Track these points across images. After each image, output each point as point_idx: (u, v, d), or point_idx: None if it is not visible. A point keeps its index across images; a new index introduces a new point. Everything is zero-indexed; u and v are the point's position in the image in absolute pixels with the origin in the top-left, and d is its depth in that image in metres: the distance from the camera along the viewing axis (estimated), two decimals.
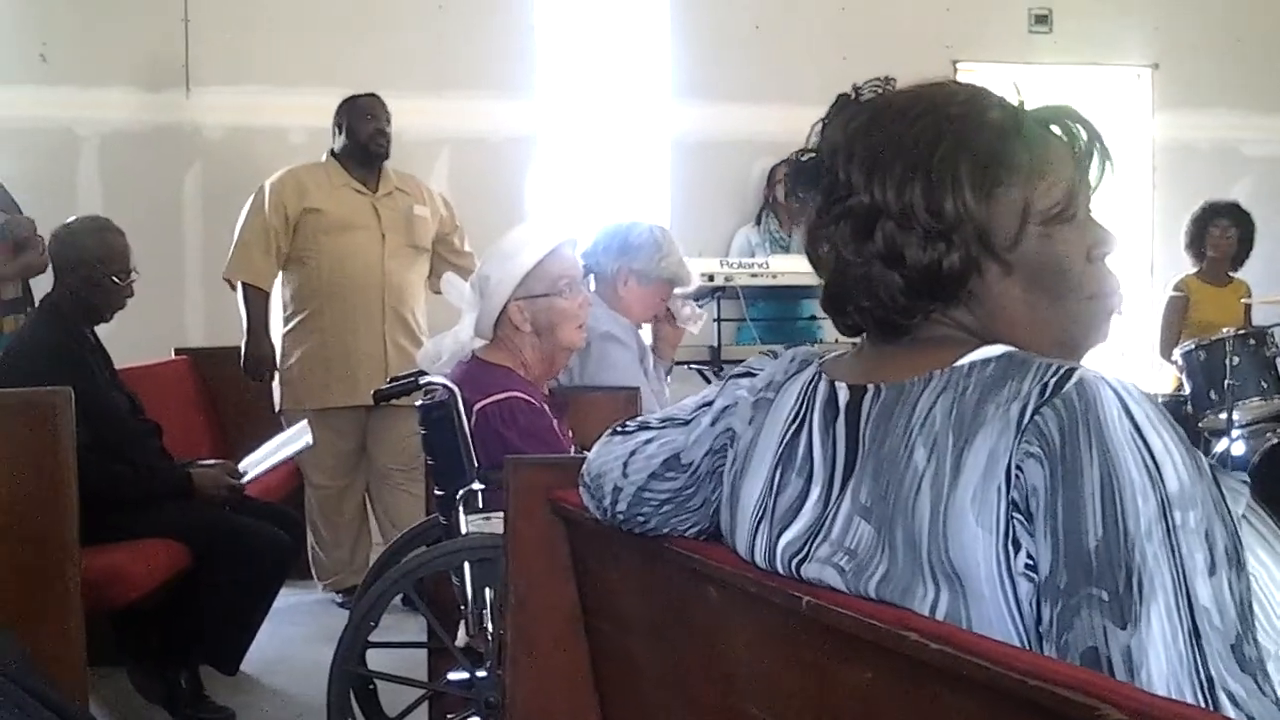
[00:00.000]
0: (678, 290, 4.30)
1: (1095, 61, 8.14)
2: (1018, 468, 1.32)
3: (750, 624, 1.61)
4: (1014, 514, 1.32)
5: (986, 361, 1.43)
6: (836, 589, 1.47)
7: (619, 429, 1.93)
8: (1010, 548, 1.33)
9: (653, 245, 4.13)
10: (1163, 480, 1.26)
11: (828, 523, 1.51)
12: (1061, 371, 1.34)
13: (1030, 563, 1.32)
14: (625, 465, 1.84)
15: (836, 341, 1.65)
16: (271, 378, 5.64)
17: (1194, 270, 6.99)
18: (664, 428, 1.84)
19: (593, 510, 1.94)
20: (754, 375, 1.77)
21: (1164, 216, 7.95)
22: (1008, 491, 1.32)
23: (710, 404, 1.80)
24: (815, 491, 1.56)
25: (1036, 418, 1.32)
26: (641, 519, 1.82)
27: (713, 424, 1.78)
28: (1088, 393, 1.31)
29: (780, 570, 1.57)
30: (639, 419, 1.91)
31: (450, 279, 3.53)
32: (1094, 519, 1.26)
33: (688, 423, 1.82)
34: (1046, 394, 1.33)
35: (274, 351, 5.60)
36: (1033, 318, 1.52)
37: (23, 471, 3.27)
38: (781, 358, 1.75)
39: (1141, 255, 8.17)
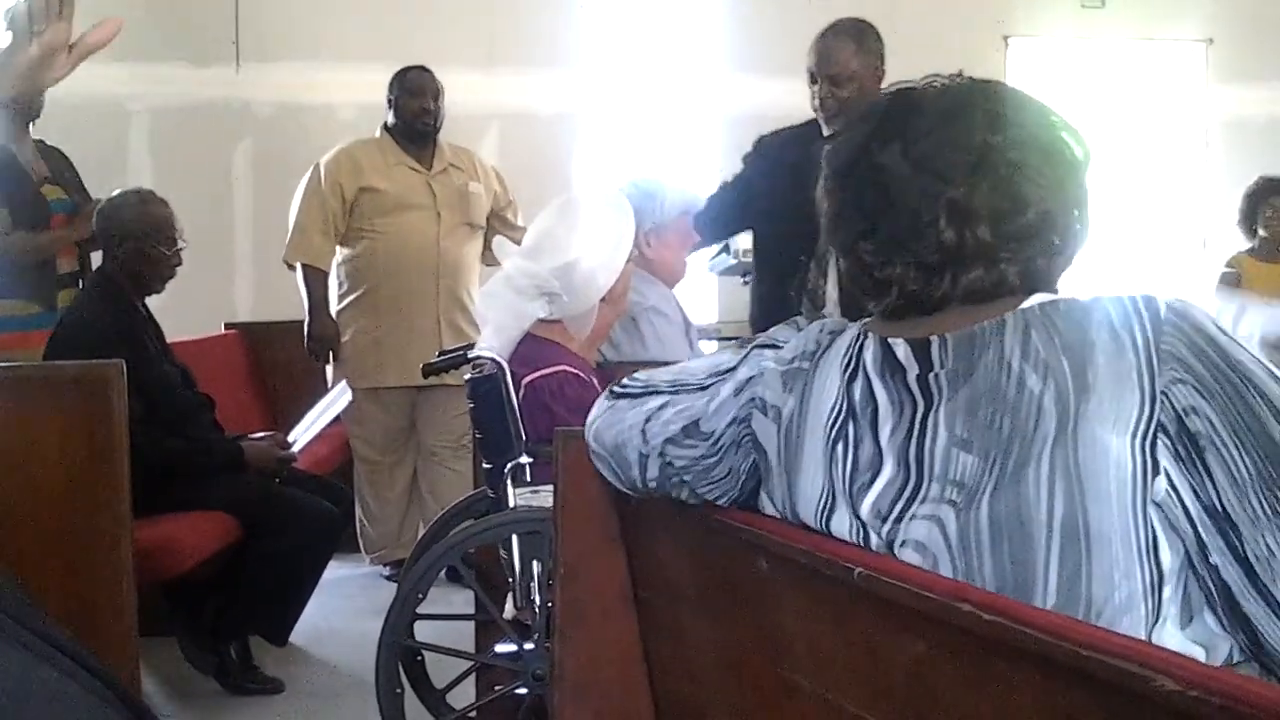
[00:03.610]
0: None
1: (1149, 36, 8.05)
2: (1163, 393, 1.39)
3: (801, 595, 1.61)
4: (1162, 436, 1.39)
5: (1054, 302, 1.51)
6: (946, 528, 1.48)
7: (618, 390, 1.93)
8: (1150, 460, 1.39)
9: (645, 198, 3.94)
10: (1271, 369, 1.40)
11: (923, 467, 1.53)
12: (1143, 297, 1.45)
13: (1170, 486, 1.39)
14: (644, 432, 1.83)
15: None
16: (333, 358, 5.65)
17: (1246, 247, 6.91)
18: (676, 393, 1.83)
19: (618, 483, 1.94)
20: (779, 346, 1.76)
21: (1217, 191, 7.87)
22: (1153, 414, 1.39)
23: (730, 371, 1.80)
24: (891, 444, 1.57)
25: (1164, 346, 1.41)
26: (672, 484, 1.82)
27: (735, 394, 1.77)
28: (1183, 312, 1.43)
29: (870, 531, 1.57)
30: (643, 379, 1.91)
31: (502, 244, 3.48)
32: (1267, 414, 1.37)
33: (704, 388, 1.81)
34: (1150, 321, 1.43)
35: (337, 331, 5.61)
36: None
37: (76, 444, 3.29)
38: (807, 329, 1.75)
39: (1194, 230, 8.10)
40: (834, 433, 1.62)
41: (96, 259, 5.09)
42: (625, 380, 1.94)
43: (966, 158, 1.55)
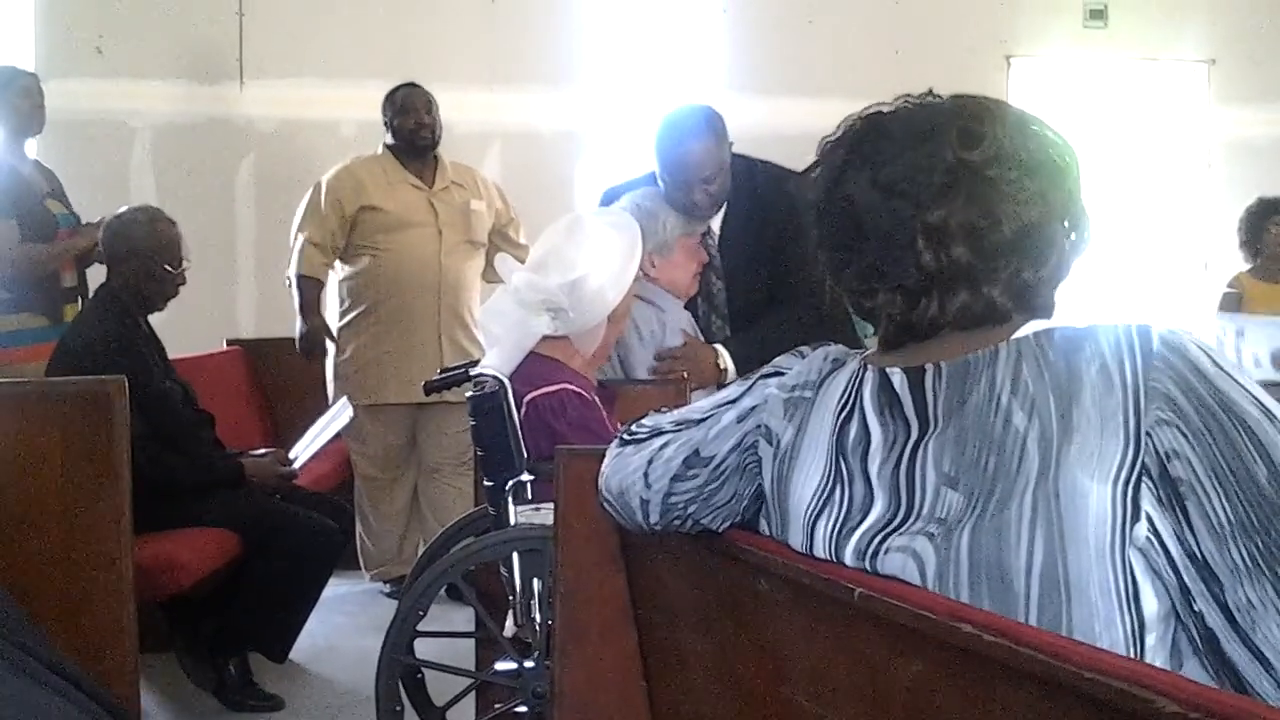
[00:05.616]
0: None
1: (1151, 57, 8.07)
2: (1148, 434, 1.37)
3: (801, 615, 1.61)
4: (1145, 479, 1.37)
5: (1048, 332, 1.50)
6: (924, 561, 1.47)
7: (626, 438, 1.93)
8: (1130, 507, 1.37)
9: (647, 216, 3.84)
10: (1266, 406, 1.37)
11: (913, 498, 1.52)
12: (1138, 328, 1.43)
13: (1152, 531, 1.37)
14: (646, 476, 1.83)
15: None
16: (324, 352, 5.64)
17: (1247, 267, 6.91)
18: (680, 430, 1.83)
19: (625, 525, 1.94)
20: (783, 374, 1.77)
21: (1219, 212, 7.87)
22: (1137, 456, 1.37)
23: (733, 402, 1.80)
24: (880, 477, 1.56)
25: (1152, 383, 1.39)
26: (678, 522, 1.82)
27: (739, 420, 1.77)
28: (1176, 346, 1.40)
29: (848, 559, 1.57)
30: (649, 424, 1.91)
31: (504, 259, 3.47)
32: (1253, 458, 1.34)
33: (704, 420, 1.81)
34: (1142, 355, 1.41)
35: (326, 326, 5.61)
36: None
37: (78, 460, 3.29)
38: (811, 356, 1.75)
39: (1196, 251, 8.10)
40: (833, 462, 1.62)
41: (93, 274, 5.11)
42: (634, 426, 1.94)
43: (938, 178, 1.54)
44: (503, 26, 7.36)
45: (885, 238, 1.56)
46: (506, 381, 3.16)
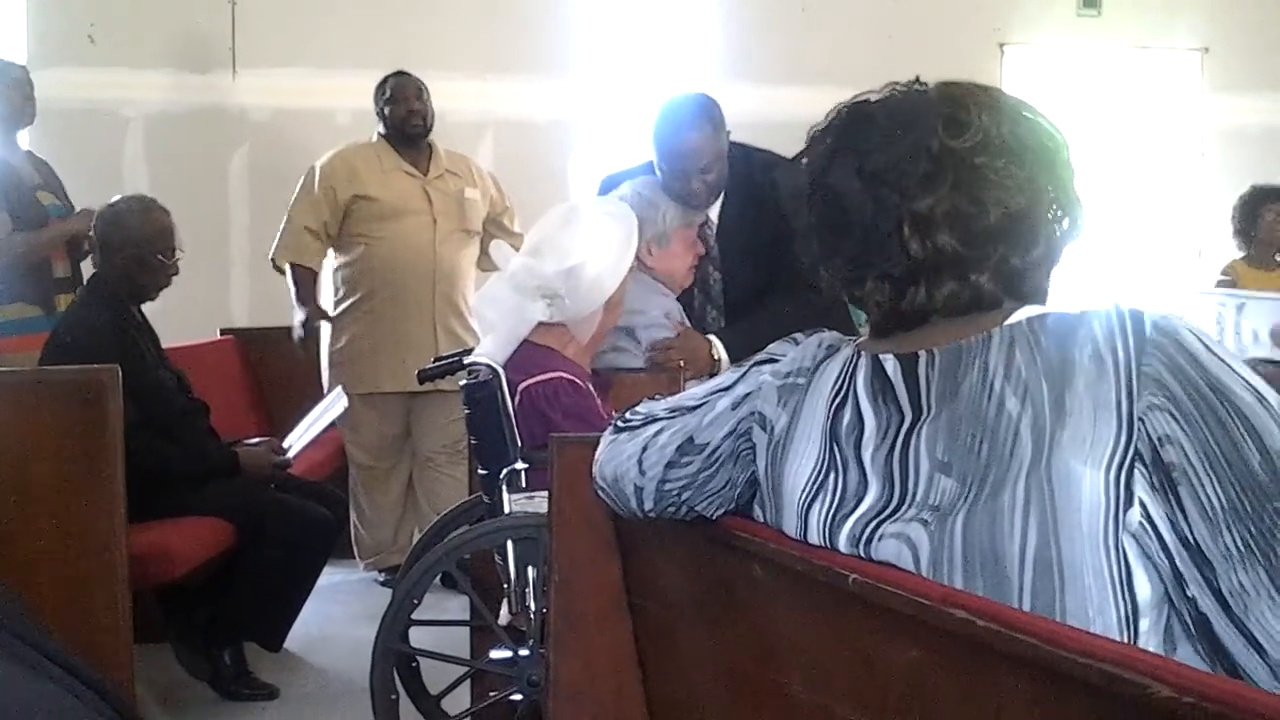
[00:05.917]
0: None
1: (1145, 45, 8.06)
2: (1140, 419, 1.37)
3: (795, 602, 1.61)
4: (1138, 464, 1.37)
5: (1041, 317, 1.49)
6: (918, 548, 1.47)
7: (620, 425, 1.93)
8: (1124, 492, 1.38)
9: (646, 205, 3.82)
10: (1260, 391, 1.37)
11: (906, 484, 1.52)
12: (1130, 312, 1.43)
13: (1145, 516, 1.37)
14: (640, 463, 1.84)
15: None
16: (317, 332, 5.61)
17: (1241, 255, 6.91)
18: (673, 417, 1.83)
19: (619, 512, 1.95)
20: (776, 361, 1.77)
21: (1212, 200, 7.87)
22: (1130, 441, 1.37)
23: (727, 389, 1.80)
24: (874, 463, 1.57)
25: (1145, 368, 1.38)
26: (672, 509, 1.83)
27: (734, 407, 1.77)
28: (1169, 330, 1.40)
29: (842, 546, 1.57)
30: (644, 411, 1.91)
31: (499, 246, 3.46)
32: (1246, 442, 1.34)
33: (698, 407, 1.81)
34: (1135, 339, 1.40)
35: (323, 311, 5.60)
36: None
37: (71, 449, 3.29)
38: (805, 343, 1.76)
39: (1189, 239, 8.10)
40: (827, 449, 1.62)
41: (87, 265, 5.11)
42: (628, 414, 1.94)
43: (923, 166, 1.54)
44: (497, 15, 7.34)
45: (872, 226, 1.56)
46: (500, 370, 3.15)
